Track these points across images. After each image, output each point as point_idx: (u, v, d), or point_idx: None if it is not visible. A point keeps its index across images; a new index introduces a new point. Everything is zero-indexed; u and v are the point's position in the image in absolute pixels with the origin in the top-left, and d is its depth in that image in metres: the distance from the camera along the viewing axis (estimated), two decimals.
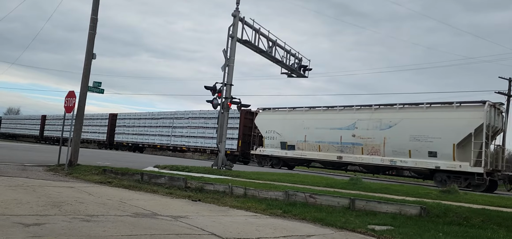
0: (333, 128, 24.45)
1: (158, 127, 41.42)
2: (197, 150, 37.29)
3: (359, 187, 11.12)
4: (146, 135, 42.82)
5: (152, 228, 5.23)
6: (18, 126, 68.60)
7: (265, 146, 28.34)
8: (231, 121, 30.97)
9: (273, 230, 5.85)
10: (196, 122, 36.98)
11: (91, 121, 51.63)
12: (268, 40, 20.78)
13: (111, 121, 48.41)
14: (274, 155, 27.64)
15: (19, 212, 5.49)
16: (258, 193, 8.86)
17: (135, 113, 46.27)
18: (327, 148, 24.74)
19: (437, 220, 7.14)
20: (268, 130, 28.15)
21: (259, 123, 29.33)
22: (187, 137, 38.16)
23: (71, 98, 13.51)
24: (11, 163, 13.17)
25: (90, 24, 13.92)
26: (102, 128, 49.89)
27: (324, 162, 25.76)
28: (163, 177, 10.47)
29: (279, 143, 27.27)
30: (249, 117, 32.20)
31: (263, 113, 29.46)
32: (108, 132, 48.44)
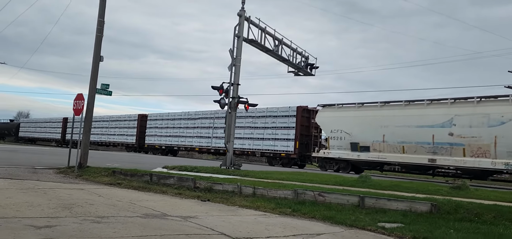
0: (421, 126, 20.90)
1: (196, 127, 37.95)
2: (244, 152, 33.31)
3: (368, 184, 11.06)
4: (182, 136, 39.51)
5: (162, 228, 5.25)
6: (37, 129, 65.71)
7: (331, 147, 24.92)
8: (286, 119, 29.43)
9: (283, 229, 5.84)
10: (243, 122, 32.65)
11: (118, 122, 49.21)
12: (274, 39, 20.74)
13: (140, 122, 45.70)
14: (342, 157, 24.32)
15: (31, 214, 5.54)
16: (267, 192, 8.86)
17: (168, 114, 42.93)
18: (414, 149, 21.11)
19: (448, 216, 7.07)
20: (334, 129, 24.73)
21: (321, 121, 26.19)
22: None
23: (79, 101, 13.61)
24: (22, 166, 13.31)
25: (97, 26, 14.00)
26: (130, 130, 46.91)
27: (409, 166, 21.91)
28: (172, 178, 10.51)
29: (349, 144, 23.88)
30: (305, 115, 29.28)
31: (326, 111, 26.11)
32: (137, 134, 45.47)
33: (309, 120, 29.16)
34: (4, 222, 4.89)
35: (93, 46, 14.01)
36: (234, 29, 17.56)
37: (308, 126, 29.16)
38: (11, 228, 4.60)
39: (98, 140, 50.87)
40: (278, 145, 29.74)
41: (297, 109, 28.77)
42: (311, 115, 29.00)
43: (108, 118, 51.37)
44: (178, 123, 40.55)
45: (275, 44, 20.84)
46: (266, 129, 30.96)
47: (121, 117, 49.21)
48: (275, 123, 30.32)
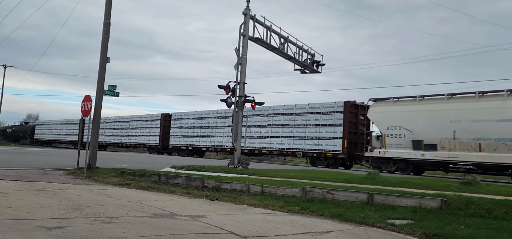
0: (503, 120, 18.35)
1: (226, 126, 34.98)
2: (282, 152, 30.81)
3: (377, 181, 11.01)
4: (211, 136, 36.91)
5: (171, 228, 5.27)
6: (53, 131, 63.59)
7: (387, 146, 22.17)
8: (331, 116, 27.32)
9: (292, 227, 5.83)
10: (281, 119, 30.60)
11: (139, 123, 46.90)
12: (280, 37, 20.72)
13: (163, 122, 43.17)
14: (402, 157, 21.61)
15: (42, 215, 5.59)
16: (275, 190, 8.85)
17: (194, 112, 40.19)
18: (494, 147, 18.60)
19: (459, 212, 7.01)
20: (391, 126, 22.06)
21: (375, 117, 23.51)
22: (269, 137, 31.39)
23: (87, 103, 13.70)
24: (32, 168, 13.43)
25: (104, 28, 14.08)
26: (153, 131, 44.39)
27: (487, 166, 19.31)
28: (180, 177, 10.54)
29: (410, 141, 21.25)
30: (353, 111, 27.02)
31: (380, 105, 23.31)
32: (161, 134, 42.98)
33: (356, 116, 27.06)
34: (16, 224, 4.93)
35: (100, 48, 14.09)
36: (240, 28, 17.56)
37: (356, 123, 26.98)
38: (23, 230, 4.64)
39: (118, 142, 49.41)
40: (323, 144, 27.49)
41: (345, 105, 26.67)
42: (358, 111, 27.05)
43: (128, 119, 49.42)
44: (206, 122, 38.02)
45: (281, 42, 20.82)
46: (307, 127, 28.64)
47: (143, 118, 46.93)
48: (319, 120, 28.07)
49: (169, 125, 42.58)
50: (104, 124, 52.70)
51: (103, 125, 52.70)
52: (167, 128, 42.73)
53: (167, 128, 42.73)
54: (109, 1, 14.18)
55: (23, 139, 69.70)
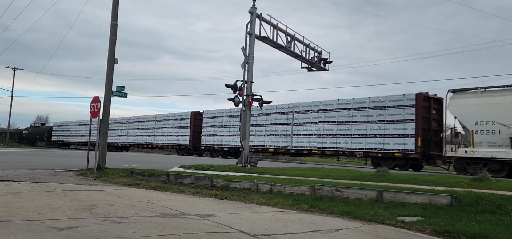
0: None
1: (268, 124, 32.31)
2: (338, 152, 28.10)
3: (386, 178, 10.95)
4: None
5: (180, 227, 5.29)
6: (72, 132, 61.19)
7: (476, 144, 19.45)
8: (399, 110, 24.46)
9: (301, 225, 5.82)
10: (335, 116, 27.69)
11: (165, 122, 44.13)
12: (287, 35, 20.69)
13: (194, 121, 40.47)
14: (496, 157, 18.79)
15: (53, 216, 5.64)
16: (284, 188, 8.84)
17: (229, 109, 36.45)
18: None
19: (469, 209, 6.95)
20: (481, 120, 19.34)
21: (458, 111, 20.41)
22: (321, 135, 28.45)
23: (96, 104, 13.79)
24: (43, 169, 13.57)
25: (111, 29, 14.16)
26: (182, 130, 41.58)
27: None
28: (189, 177, 10.57)
29: (508, 139, 18.49)
30: (426, 105, 23.90)
31: (464, 97, 20.30)
32: (191, 134, 40.36)
33: (429, 110, 23.98)
34: (27, 225, 4.99)
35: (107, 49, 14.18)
36: (246, 27, 17.57)
37: (428, 118, 23.92)
38: (34, 230, 4.69)
39: (143, 142, 47.37)
40: (390, 143, 24.70)
41: (417, 98, 23.60)
42: (431, 105, 24.13)
43: (154, 118, 46.95)
44: (234, 120, 35.19)
45: (288, 40, 20.79)
46: (370, 123, 25.73)
47: (170, 116, 44.06)
48: (383, 115, 25.11)
49: (200, 123, 40.08)
50: (126, 124, 50.96)
51: (126, 125, 51.09)
52: (198, 127, 40.21)
53: (198, 127, 40.21)
54: (116, 2, 14.27)
55: (40, 141, 68.03)
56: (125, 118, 52.60)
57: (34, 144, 67.77)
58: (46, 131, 67.89)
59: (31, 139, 68.79)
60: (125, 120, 52.27)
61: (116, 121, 53.03)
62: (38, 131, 70.65)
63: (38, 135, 69.13)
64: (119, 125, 52.32)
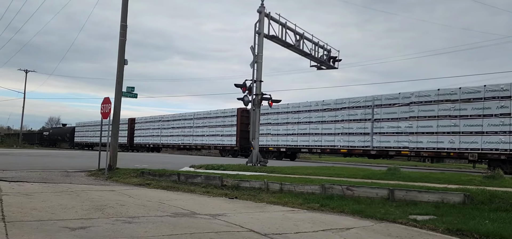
0: None
1: (340, 121, 27.78)
2: (440, 154, 23.41)
3: (397, 177, 10.86)
4: (314, 134, 29.23)
5: (191, 227, 5.31)
6: (97, 133, 56.01)
7: None
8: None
9: (312, 224, 5.80)
10: (435, 110, 23.28)
11: (207, 120, 39.64)
12: (295, 34, 20.65)
13: (241, 119, 36.11)
14: None
15: (65, 216, 5.70)
16: (294, 187, 8.82)
17: (287, 105, 31.79)
18: None
19: (482, 207, 6.86)
20: None
21: None
22: (413, 133, 23.97)
23: (106, 105, 13.90)
24: (55, 170, 13.73)
25: (120, 31, 14.27)
26: (227, 129, 37.01)
27: None
28: (199, 177, 10.61)
29: None
30: None
31: None
32: (238, 133, 36.09)
33: None
34: (40, 225, 5.05)
35: None
36: (255, 26, 17.57)
37: None
38: (47, 230, 4.74)
39: (179, 143, 43.66)
40: None
41: None
42: None
43: (192, 116, 42.74)
44: (306, 116, 30.15)
45: (296, 39, 20.75)
46: (486, 118, 21.26)
47: (212, 114, 39.51)
48: (509, 108, 20.47)
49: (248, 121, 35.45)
50: (159, 123, 47.26)
51: (158, 124, 47.33)
52: (246, 125, 34.61)
53: (246, 125, 34.61)
54: (125, 4, 14.37)
55: (62, 142, 65.30)
56: (158, 117, 48.81)
57: (55, 145, 65.20)
58: (68, 131, 64.82)
59: (52, 140, 66.27)
60: (158, 118, 48.54)
61: (146, 120, 50.03)
62: (60, 132, 67.64)
63: (60, 136, 66.48)
64: (151, 124, 48.88)
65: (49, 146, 63.87)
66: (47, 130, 71.15)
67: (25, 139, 71.40)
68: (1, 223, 5.04)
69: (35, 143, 67.24)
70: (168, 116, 47.21)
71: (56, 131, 68.33)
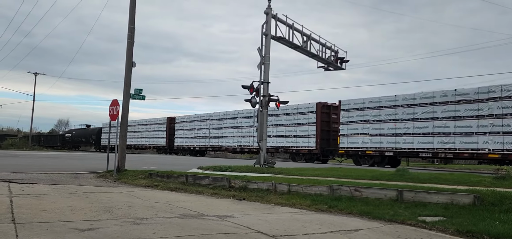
0: None
1: (436, 119, 22.61)
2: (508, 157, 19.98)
3: (406, 178, 10.79)
4: (418, 134, 23.54)
5: (199, 228, 5.32)
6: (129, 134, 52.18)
7: None
8: None
9: (320, 226, 5.78)
10: None
11: (273, 117, 32.41)
12: (303, 35, 20.61)
13: (321, 116, 30.00)
14: None
15: (74, 218, 5.75)
16: (302, 189, 8.80)
17: (379, 99, 26.10)
18: None
19: (493, 208, 6.79)
20: None
21: None
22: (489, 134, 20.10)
23: (115, 107, 13.96)
24: (65, 172, 13.84)
25: (128, 33, 14.34)
26: (301, 128, 30.94)
27: None
28: (207, 178, 10.62)
29: None
30: None
31: None
32: (317, 133, 29.91)
33: None
34: (50, 226, 5.09)
35: None
36: (262, 28, 17.57)
37: None
38: (57, 232, 4.78)
39: (235, 145, 37.55)
40: None
41: None
42: None
43: (250, 113, 35.48)
44: (406, 112, 24.32)
45: (304, 40, 20.71)
46: None
47: (280, 111, 31.87)
48: None
49: (333, 119, 30.48)
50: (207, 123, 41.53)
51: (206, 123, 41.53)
52: (327, 124, 30.74)
53: (327, 124, 30.74)
54: (133, 6, 14.45)
55: (86, 144, 60.23)
56: (205, 115, 42.64)
57: (78, 148, 61.08)
58: (94, 133, 58.99)
59: (75, 142, 61.53)
60: (205, 116, 42.44)
61: (190, 119, 44.21)
62: (84, 134, 61.49)
63: (84, 137, 60.76)
64: (196, 123, 43.02)
65: (72, 149, 60.28)
66: (69, 132, 65.59)
67: (45, 141, 67.67)
68: (11, 225, 5.09)
69: (57, 146, 63.28)
70: (219, 114, 40.78)
71: (80, 133, 61.89)
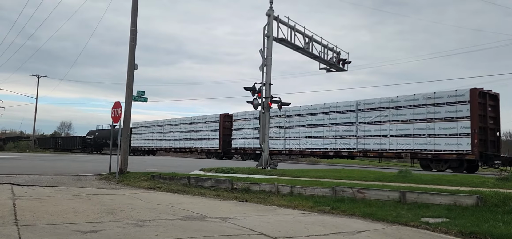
0: None
1: None
2: None
3: (409, 179, 10.76)
4: None
5: (202, 230, 5.31)
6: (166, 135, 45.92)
7: None
8: None
9: (322, 227, 5.77)
10: None
11: (366, 113, 26.62)
12: (304, 37, 20.61)
13: None
14: None
15: (77, 220, 5.75)
16: (305, 190, 8.79)
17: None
18: None
19: (496, 209, 6.76)
20: None
21: None
22: None
23: (117, 109, 13.98)
24: (67, 174, 13.86)
25: (130, 35, 14.38)
26: (404, 126, 24.50)
27: None
28: (210, 180, 10.62)
29: None
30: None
31: None
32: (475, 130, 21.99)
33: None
34: (53, 228, 5.09)
35: None
36: (264, 29, 17.58)
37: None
38: (60, 234, 4.79)
39: (327, 148, 29.38)
40: None
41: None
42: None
43: (354, 106, 27.76)
44: None
45: (305, 41, 20.71)
46: None
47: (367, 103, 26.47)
48: None
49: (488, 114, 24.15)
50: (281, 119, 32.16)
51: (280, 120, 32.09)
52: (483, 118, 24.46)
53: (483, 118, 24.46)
54: (135, 9, 14.49)
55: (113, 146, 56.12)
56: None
57: (100, 150, 55.11)
58: None
59: (98, 145, 55.89)
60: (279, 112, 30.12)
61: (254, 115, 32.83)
62: (109, 135, 54.03)
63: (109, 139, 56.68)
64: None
65: (94, 151, 55.59)
66: (91, 133, 59.70)
67: (63, 144, 63.06)
68: (14, 227, 5.10)
69: (76, 148, 57.84)
70: (303, 108, 31.09)
71: (103, 134, 54.35)
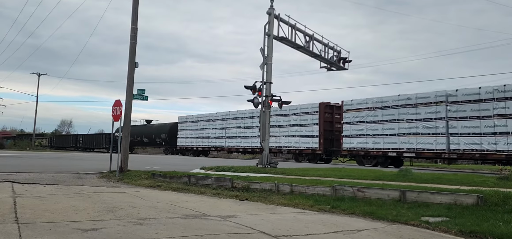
0: None
1: None
2: None
3: (409, 178, 10.76)
4: None
5: (202, 228, 5.32)
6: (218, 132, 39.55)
7: None
8: None
9: (323, 226, 5.77)
10: None
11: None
12: (305, 35, 20.60)
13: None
14: None
15: (77, 218, 5.76)
16: (305, 189, 8.79)
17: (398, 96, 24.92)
18: None
19: (496, 208, 6.76)
20: None
21: None
22: None
23: (118, 107, 13.98)
24: (68, 172, 13.87)
25: (131, 34, 14.38)
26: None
27: None
28: (210, 178, 10.63)
29: None
30: None
31: None
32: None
33: None
34: (53, 226, 5.10)
35: None
36: (264, 28, 17.58)
37: None
38: (60, 232, 4.79)
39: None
40: None
41: None
42: None
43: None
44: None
45: (306, 40, 20.70)
46: None
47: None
48: None
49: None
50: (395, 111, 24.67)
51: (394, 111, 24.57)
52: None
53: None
54: (135, 7, 14.48)
55: (148, 145, 48.10)
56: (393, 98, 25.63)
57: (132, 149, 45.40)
58: (164, 131, 45.87)
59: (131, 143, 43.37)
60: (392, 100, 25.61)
61: (367, 104, 26.89)
62: (146, 131, 47.53)
63: (146, 136, 47.34)
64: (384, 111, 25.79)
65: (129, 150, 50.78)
66: None
67: (84, 142, 57.91)
68: (14, 225, 5.11)
69: (102, 147, 51.29)
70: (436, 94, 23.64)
71: (138, 130, 47.04)
